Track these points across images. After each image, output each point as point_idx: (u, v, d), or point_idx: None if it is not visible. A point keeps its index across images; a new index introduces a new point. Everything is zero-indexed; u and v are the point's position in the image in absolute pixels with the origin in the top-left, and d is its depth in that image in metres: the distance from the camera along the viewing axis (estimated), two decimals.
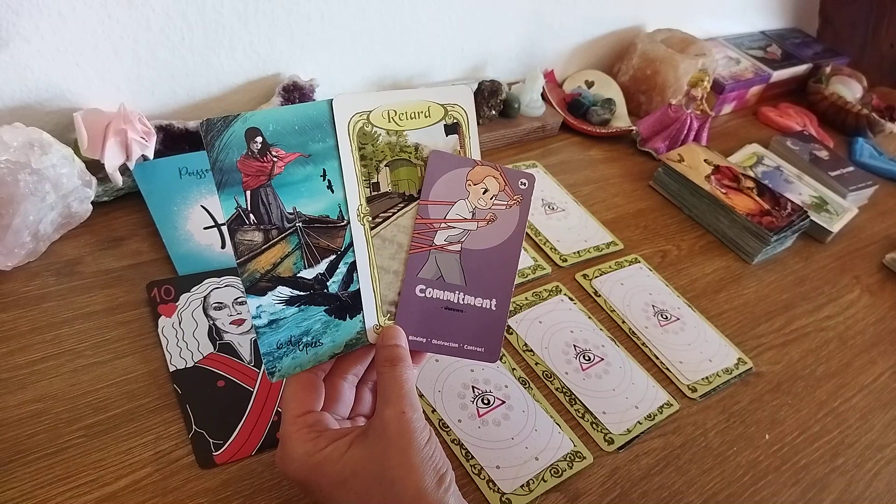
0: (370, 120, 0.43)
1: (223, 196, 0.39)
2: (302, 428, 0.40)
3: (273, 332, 0.41)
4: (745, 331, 0.71)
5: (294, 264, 0.41)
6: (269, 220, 0.41)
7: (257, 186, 0.40)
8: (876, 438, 0.63)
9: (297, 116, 0.41)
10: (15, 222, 0.54)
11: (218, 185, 0.39)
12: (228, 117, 0.39)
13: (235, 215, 0.40)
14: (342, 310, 0.43)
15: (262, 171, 0.40)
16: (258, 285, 0.41)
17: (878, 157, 1.09)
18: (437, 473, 0.37)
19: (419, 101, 0.44)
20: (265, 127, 0.40)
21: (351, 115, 0.42)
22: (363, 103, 0.43)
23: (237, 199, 0.40)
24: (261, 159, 0.40)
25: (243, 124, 0.39)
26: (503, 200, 0.46)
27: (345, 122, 0.42)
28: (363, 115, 0.43)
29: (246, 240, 0.40)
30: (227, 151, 0.39)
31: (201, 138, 0.39)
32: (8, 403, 0.48)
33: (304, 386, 0.42)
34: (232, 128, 0.39)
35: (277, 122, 0.40)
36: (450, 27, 0.86)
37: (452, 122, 0.45)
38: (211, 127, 0.39)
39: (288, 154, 0.41)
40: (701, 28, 1.12)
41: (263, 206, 0.40)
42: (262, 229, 0.41)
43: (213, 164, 0.39)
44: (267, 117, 0.40)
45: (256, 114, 0.40)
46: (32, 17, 0.57)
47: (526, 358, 0.61)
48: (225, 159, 0.39)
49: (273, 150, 0.40)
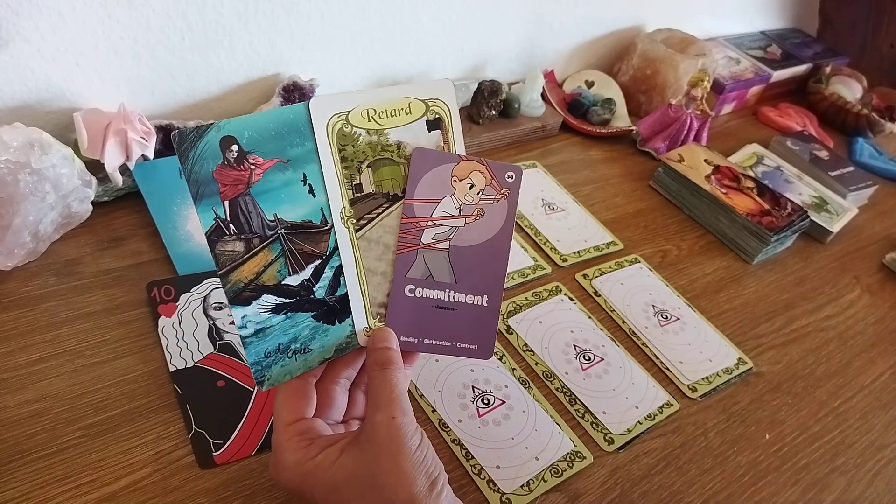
0: (349, 120, 0.42)
1: (200, 208, 0.39)
2: (293, 436, 0.40)
3: (260, 342, 0.41)
4: (745, 331, 0.71)
5: (278, 272, 0.41)
6: (249, 229, 0.40)
7: (235, 196, 0.39)
8: (876, 438, 0.63)
9: (273, 122, 0.40)
10: (15, 222, 0.54)
11: (194, 198, 0.38)
12: (201, 127, 0.38)
13: (214, 226, 0.39)
14: (330, 314, 0.42)
15: (240, 180, 0.39)
16: (242, 295, 0.40)
17: (878, 157, 1.09)
18: (429, 478, 0.37)
19: (399, 98, 0.43)
20: (240, 134, 0.39)
21: (329, 117, 0.41)
22: (341, 104, 0.42)
23: (215, 210, 0.39)
24: (238, 168, 0.39)
25: (217, 133, 0.38)
26: (490, 195, 0.45)
27: (323, 124, 0.41)
28: (341, 115, 0.42)
29: (227, 250, 0.39)
30: (202, 162, 0.38)
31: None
32: (8, 403, 0.48)
33: (294, 393, 0.41)
34: (206, 138, 0.38)
35: (253, 128, 0.39)
36: (450, 27, 0.86)
37: (434, 117, 0.44)
38: (184, 138, 0.38)
39: (266, 161, 0.40)
40: (701, 28, 1.12)
41: (243, 216, 0.40)
42: (243, 239, 0.40)
43: (188, 176, 0.38)
44: (242, 124, 0.39)
45: (231, 122, 0.39)
46: (32, 17, 0.57)
47: (526, 358, 0.61)
48: (200, 170, 0.38)
49: (250, 158, 0.39)
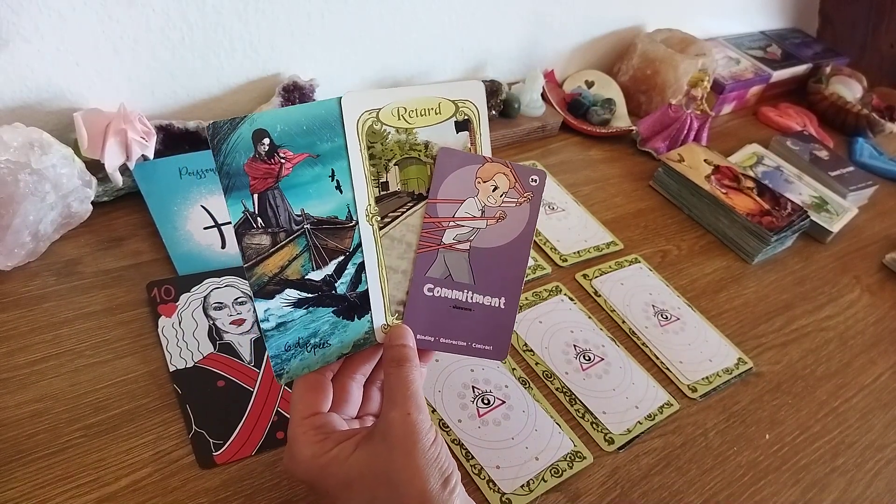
0: (379, 118, 0.42)
1: (230, 200, 0.39)
2: (308, 430, 0.40)
3: (281, 335, 0.41)
4: (745, 331, 0.71)
5: (302, 266, 0.41)
6: (276, 223, 0.40)
7: (265, 189, 0.40)
8: (876, 438, 0.63)
9: (305, 116, 0.40)
10: (15, 222, 0.54)
11: (225, 190, 0.38)
12: (235, 120, 0.38)
13: (243, 219, 0.39)
14: (350, 310, 0.43)
15: (270, 174, 0.39)
16: (266, 289, 0.40)
17: (878, 157, 1.09)
18: (443, 476, 0.37)
19: (430, 97, 0.43)
20: (273, 128, 0.39)
21: (360, 114, 0.41)
22: (372, 101, 0.42)
23: (244, 203, 0.39)
24: (268, 161, 0.39)
25: (251, 126, 0.39)
26: (513, 198, 0.45)
27: (353, 120, 0.41)
28: (372, 112, 0.42)
29: (254, 244, 0.40)
30: (234, 155, 0.38)
31: (207, 141, 0.38)
32: (8, 403, 0.48)
33: (311, 387, 0.42)
34: (239, 130, 0.38)
35: (285, 122, 0.39)
36: (450, 27, 0.86)
37: (463, 118, 0.44)
38: (217, 130, 0.38)
39: (296, 155, 0.40)
40: (701, 28, 1.12)
41: (271, 209, 0.40)
42: (270, 232, 0.40)
43: (219, 169, 0.38)
44: (275, 118, 0.39)
45: (264, 115, 0.39)
46: (32, 17, 0.57)
47: (526, 358, 0.61)
48: (232, 163, 0.38)
49: (281, 152, 0.40)
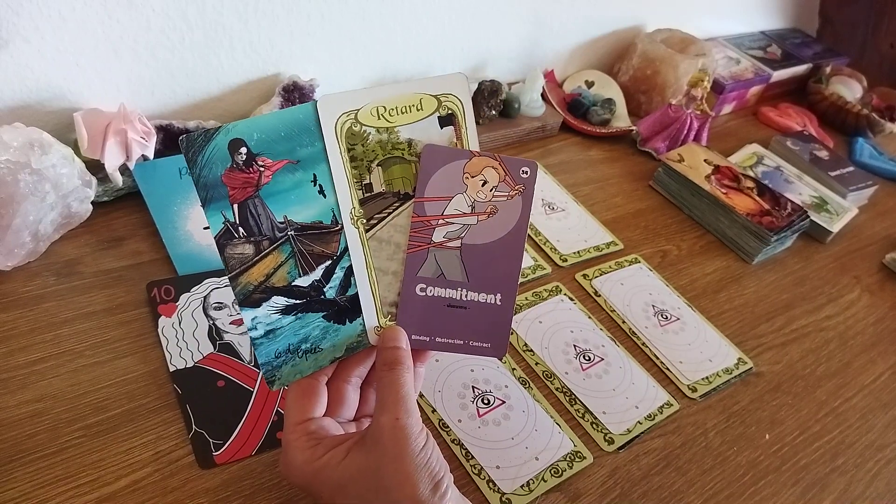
0: (358, 119, 0.41)
1: (209, 212, 0.38)
2: (301, 436, 0.40)
3: (270, 342, 0.41)
4: (745, 331, 0.71)
5: (288, 273, 0.41)
6: (259, 231, 0.40)
7: (245, 199, 0.39)
8: (876, 438, 0.63)
9: (282, 122, 0.40)
10: (15, 222, 0.54)
11: (203, 202, 0.38)
12: (209, 131, 0.38)
13: (224, 230, 0.39)
14: (341, 314, 0.42)
15: (249, 183, 0.39)
16: (252, 297, 0.40)
17: (878, 157, 1.09)
18: (433, 480, 0.37)
19: (410, 93, 0.42)
20: (249, 136, 0.39)
21: (337, 116, 0.41)
22: (350, 102, 0.41)
23: (224, 214, 0.39)
24: (246, 170, 0.39)
25: (225, 136, 0.38)
26: (504, 191, 0.44)
27: (331, 124, 0.41)
28: (350, 114, 0.41)
29: (236, 254, 0.39)
30: (211, 166, 0.38)
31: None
32: (8, 403, 0.48)
33: (304, 392, 0.42)
34: (214, 141, 0.38)
35: (262, 130, 0.39)
36: (450, 27, 0.86)
37: (447, 113, 0.43)
38: (192, 143, 0.37)
39: (275, 162, 0.40)
40: (701, 28, 1.12)
41: (252, 218, 0.40)
42: (253, 241, 0.40)
43: (196, 181, 0.38)
44: (251, 126, 0.39)
45: (239, 124, 0.38)
46: (32, 17, 0.57)
47: (526, 358, 0.61)
48: (209, 174, 0.38)
49: (259, 160, 0.39)
